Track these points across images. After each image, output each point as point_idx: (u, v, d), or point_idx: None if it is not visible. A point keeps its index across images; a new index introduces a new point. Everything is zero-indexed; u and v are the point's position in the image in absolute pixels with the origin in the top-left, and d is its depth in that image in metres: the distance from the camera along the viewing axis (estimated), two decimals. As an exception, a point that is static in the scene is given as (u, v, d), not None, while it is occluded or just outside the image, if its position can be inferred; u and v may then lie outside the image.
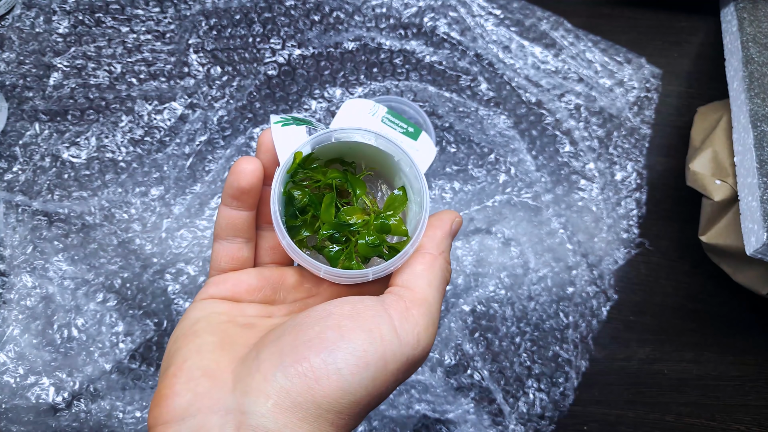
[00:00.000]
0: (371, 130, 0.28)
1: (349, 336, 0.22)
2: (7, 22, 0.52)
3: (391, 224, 0.28)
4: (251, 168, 0.27)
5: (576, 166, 0.54)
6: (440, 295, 0.26)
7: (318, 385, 0.21)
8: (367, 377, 0.22)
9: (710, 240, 0.49)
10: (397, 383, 0.24)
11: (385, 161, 0.30)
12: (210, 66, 0.53)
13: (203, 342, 0.24)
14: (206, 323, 0.25)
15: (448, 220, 0.28)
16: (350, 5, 0.56)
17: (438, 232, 0.27)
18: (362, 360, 0.22)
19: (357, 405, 0.22)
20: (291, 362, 0.22)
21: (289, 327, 0.24)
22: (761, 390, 0.51)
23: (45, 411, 0.45)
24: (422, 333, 0.24)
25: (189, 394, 0.22)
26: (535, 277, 0.52)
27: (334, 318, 0.23)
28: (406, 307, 0.24)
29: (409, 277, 0.26)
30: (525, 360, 0.50)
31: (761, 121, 0.46)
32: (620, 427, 0.50)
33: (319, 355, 0.22)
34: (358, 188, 0.29)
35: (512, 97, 0.55)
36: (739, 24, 0.51)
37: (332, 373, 0.21)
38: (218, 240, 0.29)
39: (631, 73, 0.57)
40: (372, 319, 0.23)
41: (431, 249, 0.27)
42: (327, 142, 0.28)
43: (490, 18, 0.57)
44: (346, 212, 0.29)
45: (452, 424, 0.48)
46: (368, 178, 0.32)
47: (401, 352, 0.23)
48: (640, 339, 0.52)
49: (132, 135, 0.51)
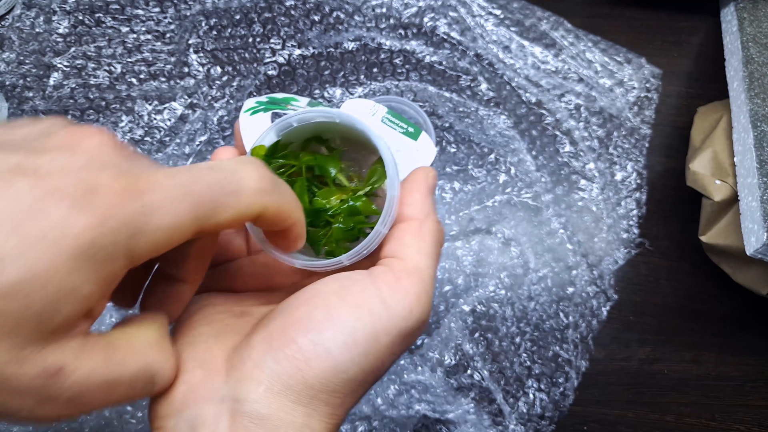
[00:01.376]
0: (335, 110, 0.27)
1: (336, 313, 0.22)
2: (7, 22, 0.52)
3: (359, 205, 0.27)
4: (228, 158, 0.26)
5: (576, 166, 0.54)
6: (433, 261, 0.25)
7: (308, 367, 0.21)
8: (358, 353, 0.21)
9: (710, 240, 0.49)
10: (394, 357, 0.23)
11: (360, 135, 0.28)
12: (210, 66, 0.53)
13: (197, 334, 0.24)
14: (201, 316, 0.25)
15: (422, 178, 0.27)
16: (350, 5, 0.56)
17: (416, 195, 0.26)
18: (351, 337, 0.21)
19: (351, 382, 0.22)
20: (279, 345, 0.21)
21: (279, 310, 0.23)
22: (761, 390, 0.51)
23: (45, 411, 0.45)
24: (414, 302, 0.23)
25: (184, 386, 0.22)
26: (535, 277, 0.52)
27: (321, 297, 0.23)
28: (396, 277, 0.24)
29: (397, 247, 0.25)
30: (525, 360, 0.50)
31: (761, 121, 0.46)
32: (620, 427, 0.50)
33: (307, 336, 0.21)
34: (333, 167, 0.28)
35: (512, 97, 0.55)
36: (739, 24, 0.51)
37: (321, 352, 0.21)
38: None
39: (631, 73, 0.57)
40: (359, 294, 0.23)
41: (415, 214, 0.26)
42: (289, 128, 0.27)
43: (490, 18, 0.57)
44: (321, 195, 0.28)
45: (452, 424, 0.48)
46: (353, 153, 0.31)
47: (392, 324, 0.22)
48: (640, 339, 0.52)
49: (132, 135, 0.51)
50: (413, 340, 0.24)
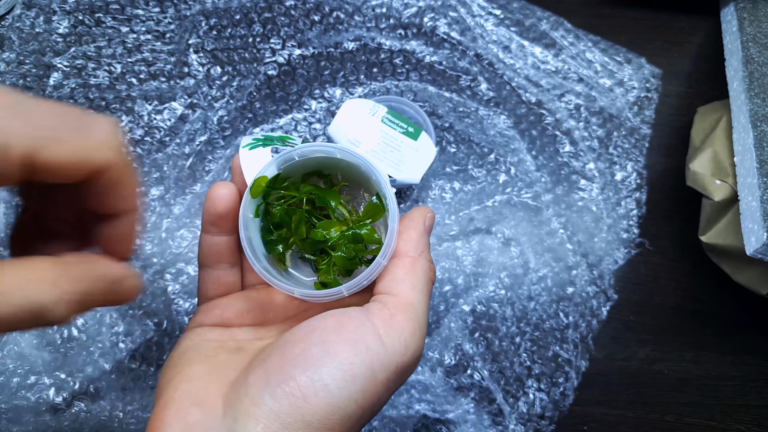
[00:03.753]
0: (336, 145, 0.27)
1: (334, 350, 0.22)
2: (7, 22, 0.52)
3: (363, 233, 0.28)
4: (225, 192, 0.27)
5: (576, 166, 0.54)
6: (425, 298, 0.26)
7: (306, 404, 0.21)
8: (355, 390, 0.22)
9: (710, 240, 0.49)
10: (390, 393, 0.24)
11: (359, 171, 0.29)
12: (210, 66, 0.53)
13: (193, 371, 0.24)
14: (195, 352, 0.25)
15: (419, 218, 0.27)
16: (350, 5, 0.56)
17: (412, 233, 0.27)
18: (349, 373, 0.21)
19: (348, 419, 0.22)
20: (277, 383, 0.21)
21: (275, 347, 0.23)
22: (761, 390, 0.51)
23: (45, 411, 0.45)
24: (409, 338, 0.23)
25: (180, 424, 0.22)
26: (535, 277, 0.52)
27: (317, 333, 0.23)
28: (391, 314, 0.24)
29: (390, 283, 0.25)
30: (525, 360, 0.50)
31: (761, 121, 0.46)
32: (620, 427, 0.50)
33: (305, 373, 0.21)
34: (332, 200, 0.29)
35: (512, 97, 0.55)
36: (739, 24, 0.51)
37: (319, 390, 0.21)
38: (203, 267, 0.29)
39: (631, 73, 0.57)
40: (356, 330, 0.23)
41: (410, 251, 0.26)
42: (291, 161, 0.28)
43: (490, 18, 0.57)
44: (322, 226, 0.28)
45: (452, 424, 0.48)
46: (350, 188, 0.32)
47: (389, 361, 0.23)
48: (640, 339, 0.52)
49: (132, 135, 0.51)
50: (408, 376, 0.24)
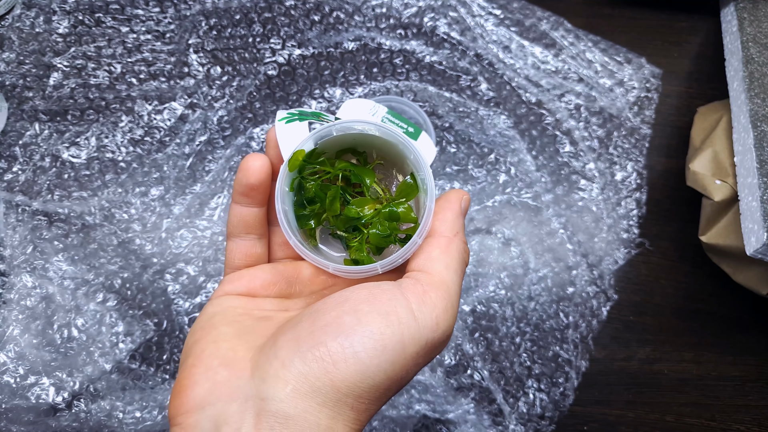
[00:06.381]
0: (373, 121, 0.28)
1: (366, 319, 0.22)
2: (7, 22, 0.52)
3: (400, 212, 0.28)
4: (259, 164, 0.27)
5: (576, 166, 0.54)
6: (459, 278, 0.26)
7: (336, 369, 0.21)
8: (385, 360, 0.22)
9: (710, 240, 0.49)
10: (417, 368, 0.24)
11: (395, 150, 0.30)
12: (210, 66, 0.53)
13: (220, 333, 0.24)
14: (222, 317, 0.26)
15: (456, 199, 0.28)
16: (350, 5, 0.56)
17: (448, 213, 0.27)
18: (380, 343, 0.22)
19: (376, 389, 0.22)
20: (308, 347, 0.22)
21: (307, 314, 0.24)
22: (761, 390, 0.51)
23: (45, 411, 0.45)
24: (441, 315, 0.24)
25: (208, 383, 0.22)
26: (535, 277, 0.52)
27: (350, 303, 0.23)
28: (424, 290, 0.24)
29: (425, 261, 0.25)
30: (525, 360, 0.50)
31: (761, 121, 0.46)
32: (620, 427, 0.50)
33: (336, 339, 0.22)
34: (367, 177, 0.29)
35: (512, 97, 0.55)
36: (739, 24, 0.51)
37: (350, 356, 0.21)
38: (231, 238, 0.29)
39: (631, 73, 0.57)
40: (389, 303, 0.23)
41: (445, 231, 0.26)
42: (329, 136, 0.28)
43: (490, 18, 0.57)
44: (356, 203, 0.29)
45: (452, 424, 0.48)
46: (382, 167, 0.32)
47: (420, 335, 0.23)
48: (640, 339, 0.52)
49: (132, 135, 0.51)
50: (437, 353, 0.25)
